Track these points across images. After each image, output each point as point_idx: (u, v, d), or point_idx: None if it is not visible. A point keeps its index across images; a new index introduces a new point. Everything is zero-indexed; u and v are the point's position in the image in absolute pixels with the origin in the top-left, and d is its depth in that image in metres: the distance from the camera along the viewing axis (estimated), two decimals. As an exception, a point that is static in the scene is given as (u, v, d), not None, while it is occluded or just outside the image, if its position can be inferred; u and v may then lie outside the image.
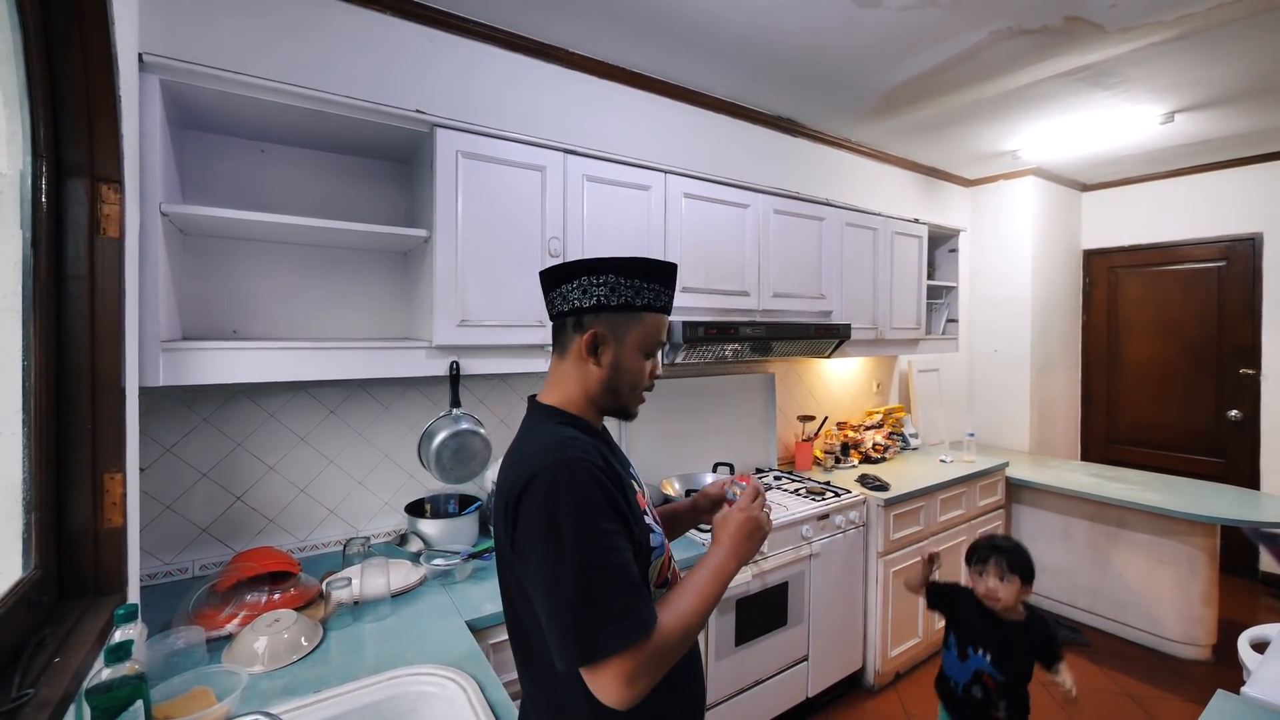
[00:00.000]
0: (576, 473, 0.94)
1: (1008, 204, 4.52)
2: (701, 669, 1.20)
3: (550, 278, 1.11)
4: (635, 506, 1.05)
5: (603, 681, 0.87)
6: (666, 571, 1.10)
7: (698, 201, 2.48)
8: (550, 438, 1.01)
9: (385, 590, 1.61)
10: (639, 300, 1.08)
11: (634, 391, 1.12)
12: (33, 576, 0.98)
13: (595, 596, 0.88)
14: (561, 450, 0.96)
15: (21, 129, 0.99)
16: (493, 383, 2.40)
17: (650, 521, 1.10)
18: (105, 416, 1.11)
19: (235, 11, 1.86)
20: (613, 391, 1.10)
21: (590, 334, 1.06)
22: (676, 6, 2.21)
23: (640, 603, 0.90)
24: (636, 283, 1.07)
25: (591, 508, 0.92)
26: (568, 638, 0.87)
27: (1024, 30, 2.39)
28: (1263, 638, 2.28)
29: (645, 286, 1.08)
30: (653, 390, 1.15)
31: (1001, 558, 1.90)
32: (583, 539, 0.89)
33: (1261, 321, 4.12)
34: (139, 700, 0.89)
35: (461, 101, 2.29)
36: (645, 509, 1.10)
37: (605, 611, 0.87)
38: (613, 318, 1.07)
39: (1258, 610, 3.80)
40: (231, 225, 1.70)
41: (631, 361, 1.10)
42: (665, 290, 1.11)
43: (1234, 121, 3.45)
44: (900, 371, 4.28)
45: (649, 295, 1.09)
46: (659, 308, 1.11)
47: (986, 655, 1.88)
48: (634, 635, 0.87)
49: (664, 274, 1.11)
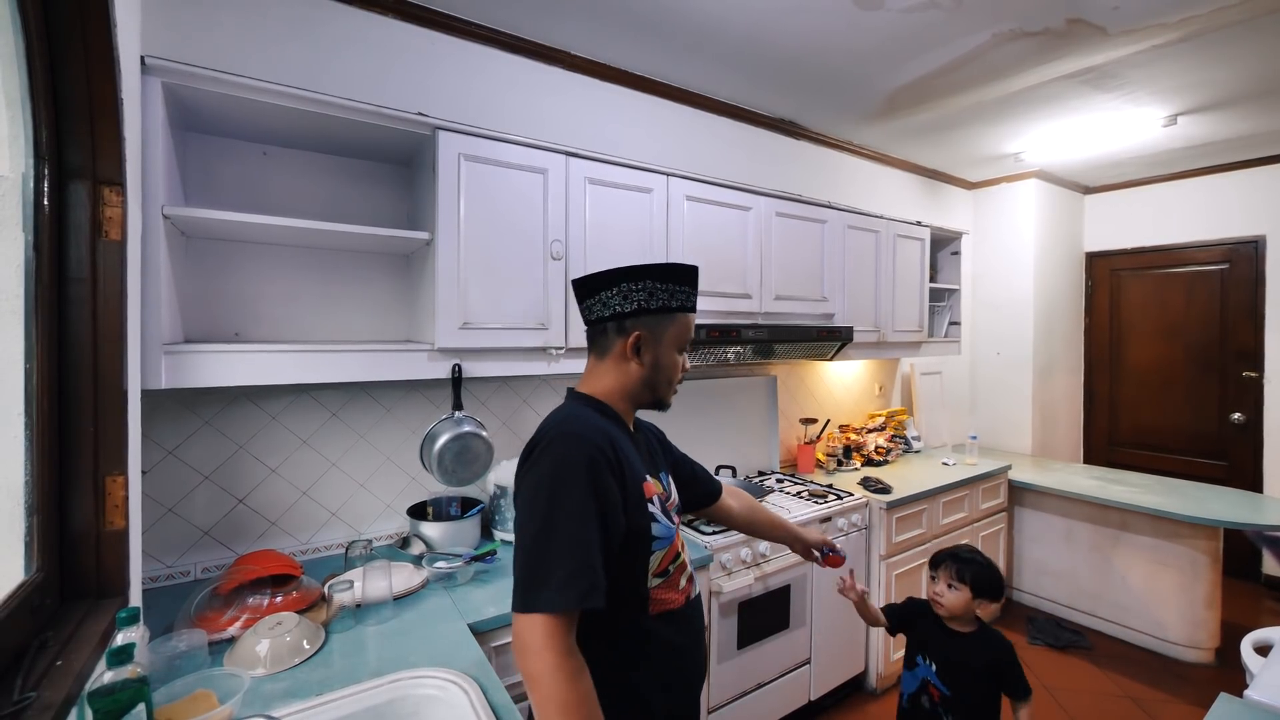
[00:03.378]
0: (570, 445, 1.05)
1: (1010, 206, 4.51)
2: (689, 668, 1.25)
3: (587, 285, 1.22)
4: (635, 493, 1.13)
5: (524, 633, 0.97)
6: (669, 563, 1.19)
7: (700, 204, 2.47)
8: (565, 413, 1.16)
9: (387, 593, 1.61)
10: (674, 302, 1.20)
11: (670, 385, 1.25)
12: (35, 579, 0.97)
13: (544, 558, 0.99)
14: (568, 424, 1.10)
15: (23, 131, 0.98)
16: (495, 385, 2.40)
17: (656, 512, 1.17)
18: (107, 419, 1.11)
19: (237, 14, 1.87)
20: (651, 386, 1.23)
21: (635, 336, 1.19)
22: (678, 9, 2.21)
23: (581, 579, 0.97)
24: (670, 286, 1.20)
25: (571, 479, 1.02)
26: (516, 586, 1.01)
27: (1026, 32, 2.39)
28: (1265, 641, 2.27)
29: (678, 289, 1.21)
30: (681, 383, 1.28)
31: (954, 564, 1.87)
32: (552, 504, 1.01)
33: (1264, 324, 4.12)
34: (141, 703, 0.89)
35: (463, 104, 2.29)
36: (653, 499, 1.17)
37: (547, 575, 0.97)
38: (652, 320, 1.20)
39: (1260, 613, 3.79)
40: (233, 228, 1.70)
41: (669, 358, 1.23)
42: (693, 291, 1.25)
43: (1237, 124, 3.45)
44: (902, 374, 4.28)
45: (681, 297, 1.22)
46: (690, 307, 1.24)
47: (932, 665, 1.86)
48: (560, 604, 0.96)
49: (690, 277, 1.24)
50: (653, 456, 1.33)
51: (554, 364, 2.11)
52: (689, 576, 1.27)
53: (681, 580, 1.23)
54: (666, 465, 1.41)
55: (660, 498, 1.22)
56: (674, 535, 1.21)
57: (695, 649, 1.25)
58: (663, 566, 1.17)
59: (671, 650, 1.18)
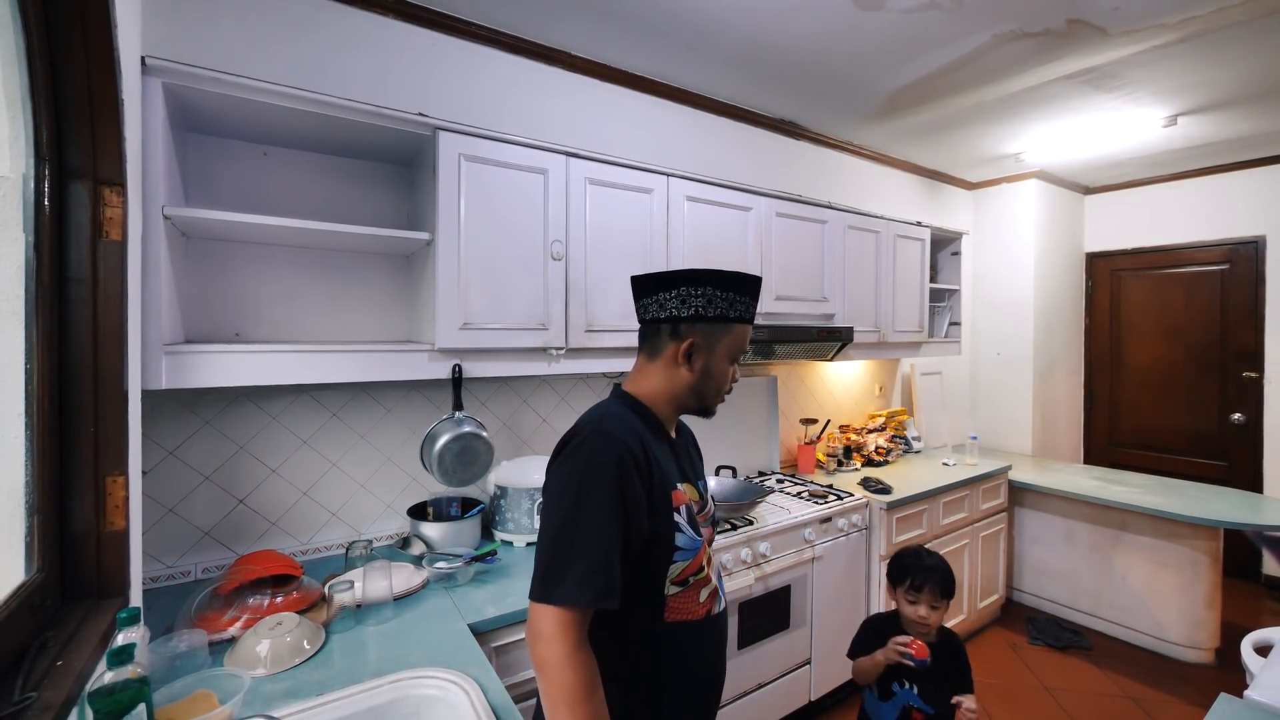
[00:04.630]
0: (602, 444, 1.05)
1: (1010, 207, 4.51)
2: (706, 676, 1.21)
3: (647, 284, 1.21)
4: (662, 500, 1.11)
5: (538, 621, 0.99)
6: (690, 574, 1.14)
7: (700, 204, 2.47)
8: (604, 410, 1.14)
9: (388, 593, 1.61)
10: (732, 312, 1.17)
11: (719, 394, 1.22)
12: (35, 580, 0.98)
13: (566, 552, 1.00)
14: (604, 422, 1.09)
15: (24, 132, 0.99)
16: (495, 386, 2.40)
17: (682, 522, 1.13)
18: (107, 419, 1.11)
19: (238, 15, 1.87)
20: (699, 393, 1.20)
21: (689, 342, 1.16)
22: (679, 10, 2.21)
23: (598, 578, 0.98)
24: (730, 295, 1.17)
25: (599, 477, 1.02)
26: (535, 574, 1.02)
27: (1026, 33, 2.39)
28: (1266, 641, 2.27)
29: (738, 299, 1.18)
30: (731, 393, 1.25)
31: (935, 584, 1.81)
32: (579, 500, 1.02)
33: (1264, 324, 4.12)
34: (141, 704, 0.89)
35: (464, 104, 2.29)
36: (680, 508, 1.14)
37: (567, 569, 0.99)
38: (708, 328, 1.17)
39: (1261, 613, 3.79)
40: (234, 228, 1.70)
41: (720, 367, 1.20)
42: (752, 303, 1.21)
43: (1237, 125, 3.45)
44: (903, 374, 4.28)
45: (740, 307, 1.18)
46: (748, 318, 1.21)
47: (914, 688, 1.79)
48: (576, 600, 0.97)
49: (752, 288, 1.21)
50: (692, 463, 1.30)
51: (554, 364, 2.11)
52: (712, 592, 1.21)
53: (702, 594, 1.18)
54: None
55: (691, 506, 1.18)
56: (699, 548, 1.16)
57: (711, 663, 1.21)
58: (682, 577, 1.14)
59: (683, 659, 1.15)
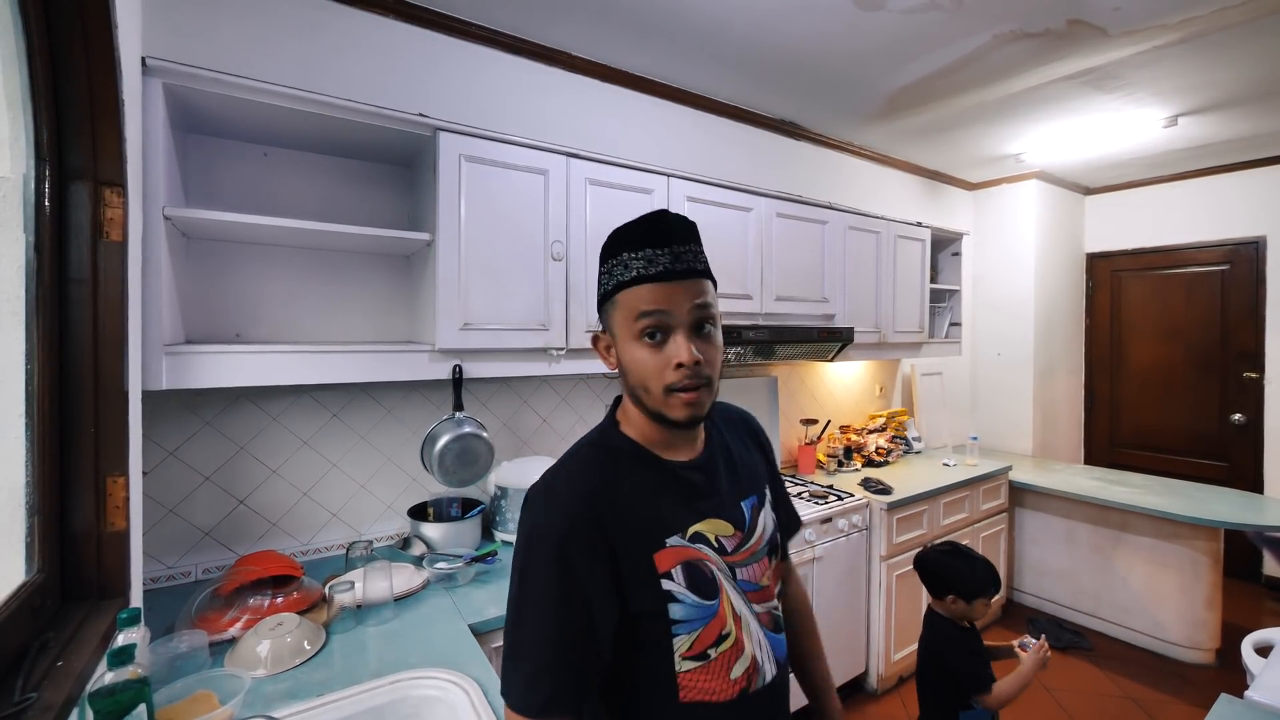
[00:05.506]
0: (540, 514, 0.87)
1: (1011, 207, 4.51)
2: None
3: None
4: (635, 570, 0.86)
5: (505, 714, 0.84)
6: (708, 646, 0.88)
7: (700, 205, 2.47)
8: (567, 454, 0.95)
9: (388, 594, 1.61)
10: (610, 282, 0.89)
11: (649, 391, 0.87)
12: (35, 580, 0.98)
13: (515, 645, 0.84)
14: (553, 477, 0.91)
15: (25, 132, 0.99)
16: (495, 386, 2.40)
17: (676, 588, 0.87)
18: (108, 420, 1.11)
19: (238, 15, 1.87)
20: (635, 396, 0.91)
21: (601, 336, 0.95)
22: (679, 10, 2.21)
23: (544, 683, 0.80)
24: (609, 262, 0.90)
25: (537, 559, 0.83)
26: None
27: (1027, 33, 2.38)
28: (1266, 641, 2.27)
29: (615, 262, 0.89)
30: (695, 382, 0.85)
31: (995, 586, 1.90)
32: (521, 587, 0.84)
33: (1265, 325, 4.12)
34: (142, 704, 0.89)
35: (464, 105, 2.29)
36: (675, 570, 0.87)
37: (515, 665, 0.83)
38: (605, 311, 0.92)
39: (1261, 614, 3.79)
40: (234, 229, 1.70)
41: (629, 354, 0.88)
42: (636, 254, 0.87)
43: (1237, 125, 3.45)
44: (903, 375, 4.28)
45: (619, 271, 0.88)
46: (629, 280, 0.87)
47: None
48: (520, 707, 0.81)
49: (636, 234, 0.89)
50: (728, 482, 0.98)
51: (554, 365, 2.11)
52: (751, 665, 0.91)
53: (735, 669, 0.90)
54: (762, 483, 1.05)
55: (698, 562, 0.89)
56: (714, 612, 0.89)
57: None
58: (697, 650, 0.87)
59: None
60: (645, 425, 0.94)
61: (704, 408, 0.88)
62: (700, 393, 0.86)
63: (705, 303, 0.87)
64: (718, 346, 0.90)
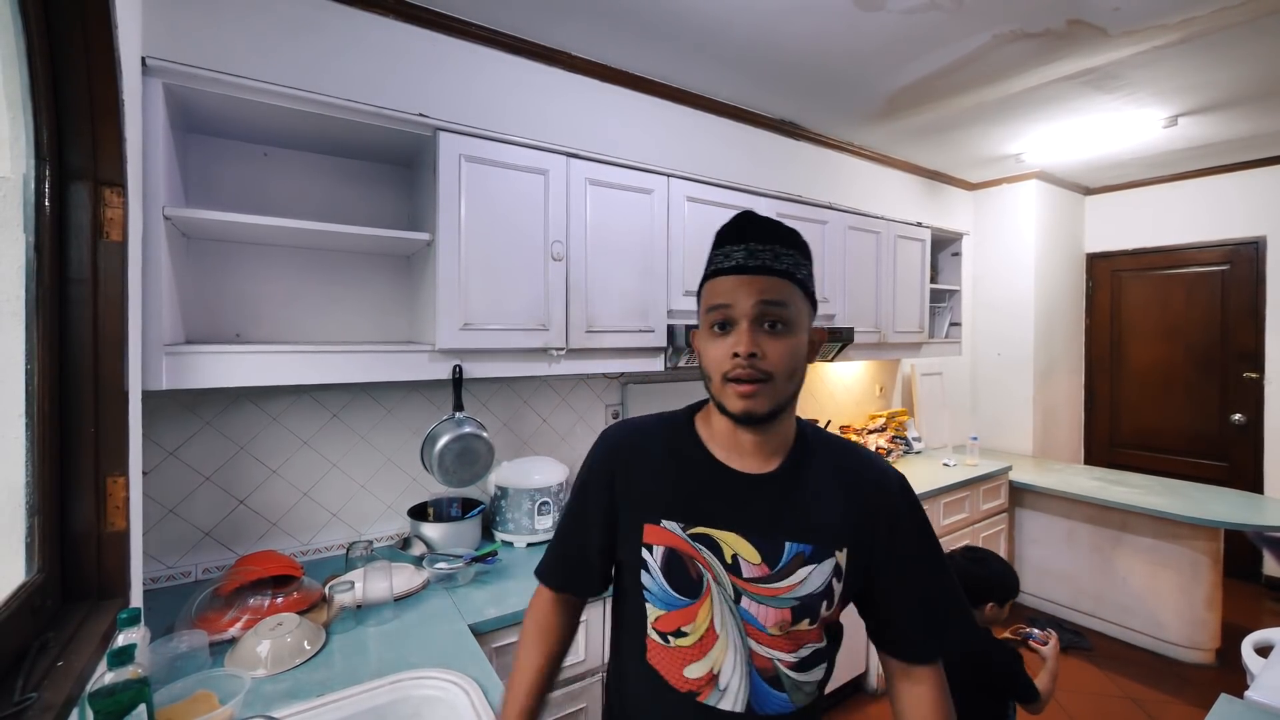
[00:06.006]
0: (599, 440, 1.05)
1: (1011, 207, 4.51)
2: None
3: None
4: (629, 522, 0.95)
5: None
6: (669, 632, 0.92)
7: (700, 205, 2.47)
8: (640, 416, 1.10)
9: (388, 594, 1.61)
10: (705, 274, 0.94)
11: (712, 380, 0.90)
12: (36, 580, 0.98)
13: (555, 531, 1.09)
14: (610, 428, 1.07)
15: (25, 132, 0.99)
16: (495, 386, 2.40)
17: (651, 562, 0.92)
18: (108, 420, 1.11)
19: (238, 15, 1.87)
20: (707, 388, 0.93)
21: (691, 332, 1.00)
22: (679, 10, 2.21)
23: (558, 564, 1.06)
24: (711, 254, 0.94)
25: (581, 472, 1.05)
26: None
27: (1027, 34, 2.38)
28: (1266, 641, 2.27)
29: (715, 254, 0.93)
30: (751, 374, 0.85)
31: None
32: (571, 488, 1.07)
33: (1265, 325, 4.12)
34: (142, 704, 0.89)
35: (464, 105, 2.29)
36: (656, 548, 0.92)
37: (549, 548, 1.09)
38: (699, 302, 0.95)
39: (1261, 614, 3.79)
40: (234, 229, 1.70)
41: (701, 343, 0.93)
42: (719, 250, 0.92)
43: (1237, 125, 3.45)
44: (903, 375, 4.28)
45: (714, 264, 0.92)
46: (708, 274, 0.92)
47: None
48: (541, 574, 1.08)
49: (723, 232, 0.94)
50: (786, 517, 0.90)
51: (555, 365, 2.11)
52: (708, 677, 0.91)
53: (691, 669, 0.91)
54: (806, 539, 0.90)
55: (685, 555, 0.91)
56: (682, 607, 0.91)
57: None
58: (665, 629, 0.92)
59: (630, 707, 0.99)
60: (719, 420, 0.96)
61: (762, 405, 0.86)
62: (758, 387, 0.85)
63: (775, 300, 0.86)
64: (791, 348, 0.87)
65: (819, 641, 0.93)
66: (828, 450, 0.97)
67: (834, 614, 0.93)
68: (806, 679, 0.93)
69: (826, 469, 0.94)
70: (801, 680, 0.92)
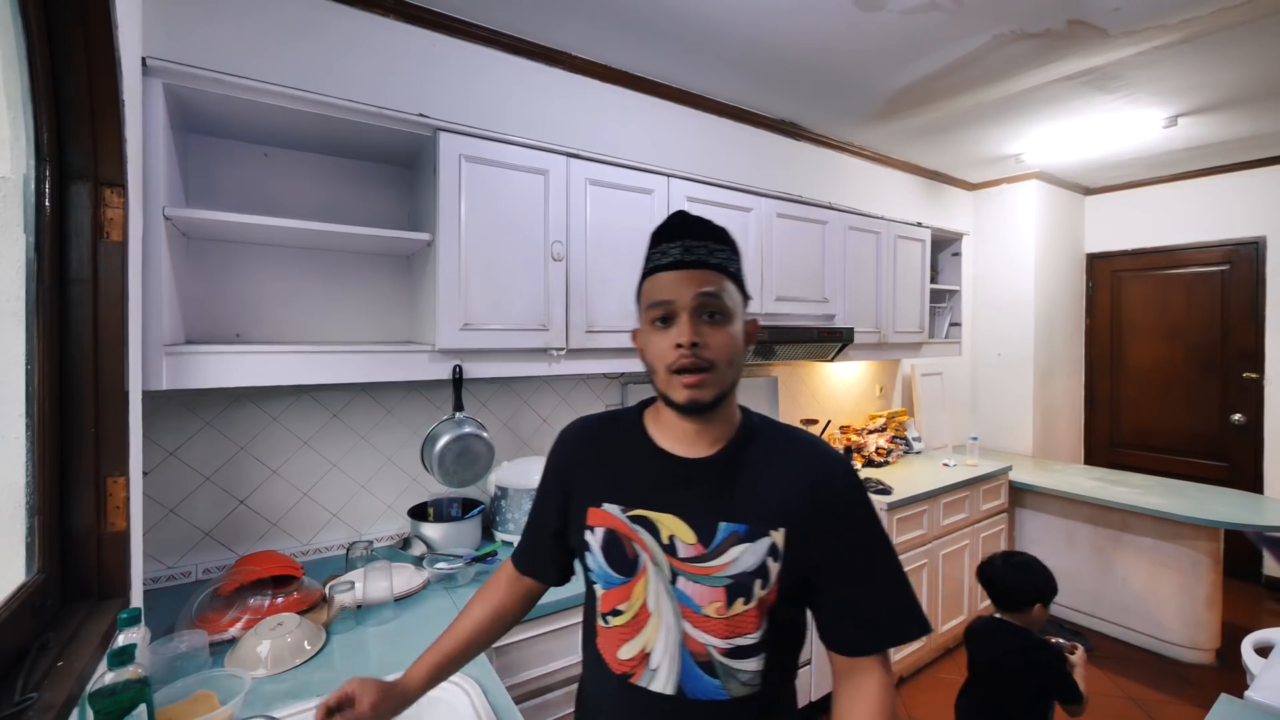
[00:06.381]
0: (553, 443, 1.11)
1: (1011, 208, 4.51)
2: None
3: None
4: (577, 508, 1.01)
5: None
6: (607, 611, 0.97)
7: (700, 205, 2.47)
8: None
9: (388, 594, 1.61)
10: (644, 272, 0.97)
11: (657, 374, 0.93)
12: (36, 580, 0.98)
13: None
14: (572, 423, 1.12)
15: (25, 133, 0.99)
16: (495, 386, 2.40)
17: (593, 543, 0.97)
18: (108, 420, 1.11)
19: (239, 15, 1.87)
20: (652, 383, 0.96)
21: (633, 332, 1.02)
22: (679, 11, 2.21)
23: (525, 549, 1.13)
24: (648, 252, 0.97)
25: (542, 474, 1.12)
26: None
27: (1027, 34, 2.38)
28: (1266, 641, 2.27)
29: (652, 252, 0.96)
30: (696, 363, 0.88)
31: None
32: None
33: (1265, 325, 4.12)
34: (142, 704, 0.89)
35: (464, 105, 2.29)
36: (598, 529, 0.97)
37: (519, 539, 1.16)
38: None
39: (1261, 614, 3.79)
40: (235, 229, 1.70)
41: (644, 340, 0.96)
42: (655, 249, 0.96)
43: (1238, 125, 3.45)
44: (903, 375, 4.28)
45: (652, 261, 0.96)
46: (646, 272, 0.96)
47: None
48: (513, 559, 1.15)
49: (658, 232, 0.97)
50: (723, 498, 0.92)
51: (555, 365, 2.11)
52: (640, 657, 0.93)
53: (624, 650, 0.95)
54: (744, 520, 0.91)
55: (624, 536, 0.95)
56: (618, 585, 0.95)
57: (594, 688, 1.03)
58: (608, 608, 0.97)
59: (596, 700, 1.03)
60: (666, 413, 0.98)
61: (707, 393, 0.89)
62: (703, 376, 0.88)
63: (712, 291, 0.90)
64: (731, 337, 0.91)
65: (756, 630, 0.90)
66: (772, 436, 0.99)
67: (771, 595, 0.90)
68: (742, 667, 0.91)
69: (768, 453, 0.96)
70: (736, 668, 0.91)
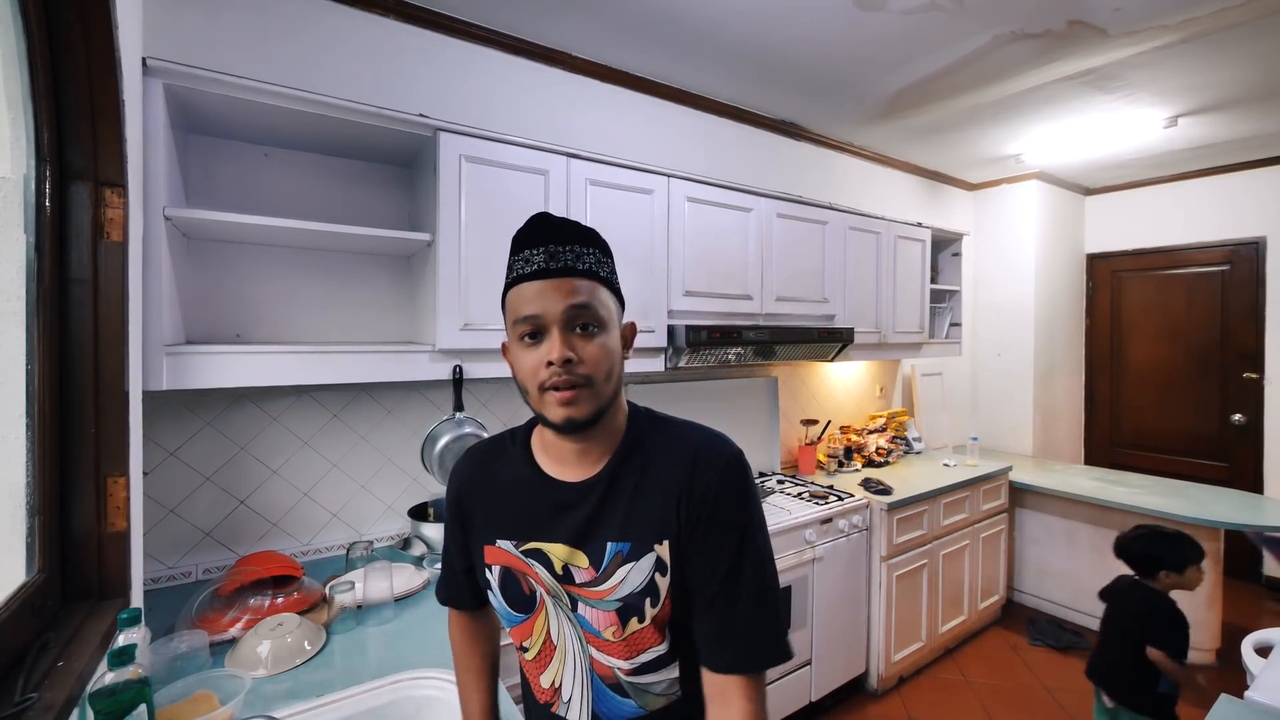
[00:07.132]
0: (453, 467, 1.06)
1: (1011, 208, 4.51)
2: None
3: None
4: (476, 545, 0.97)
5: None
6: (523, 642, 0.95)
7: (701, 205, 2.47)
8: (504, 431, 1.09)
9: (388, 594, 1.61)
10: (507, 282, 0.88)
11: (529, 393, 0.87)
12: (36, 580, 0.98)
13: None
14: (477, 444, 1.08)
15: (25, 133, 0.99)
16: (495, 386, 2.40)
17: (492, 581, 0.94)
18: (109, 420, 1.11)
19: (239, 16, 1.87)
20: (527, 402, 0.89)
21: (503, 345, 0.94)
22: (679, 11, 2.21)
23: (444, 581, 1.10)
24: (510, 260, 0.88)
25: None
26: None
27: (1027, 34, 2.38)
28: (1266, 642, 2.28)
29: (514, 260, 0.87)
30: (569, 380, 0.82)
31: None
32: None
33: (1265, 325, 4.12)
34: (142, 704, 0.89)
35: (464, 105, 2.29)
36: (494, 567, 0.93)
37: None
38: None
39: (1261, 614, 3.79)
40: (235, 229, 1.70)
41: (513, 356, 0.89)
42: (517, 256, 0.86)
43: (1237, 126, 3.45)
44: (903, 375, 4.28)
45: (515, 270, 0.86)
46: (509, 283, 0.87)
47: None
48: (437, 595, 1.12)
49: (518, 237, 0.87)
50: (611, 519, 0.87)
51: (555, 365, 2.11)
52: (555, 688, 0.94)
53: (543, 678, 0.95)
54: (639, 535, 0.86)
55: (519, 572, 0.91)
56: (519, 623, 0.93)
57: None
58: (518, 642, 0.96)
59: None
60: (546, 432, 0.93)
61: (583, 410, 0.83)
62: (578, 392, 0.82)
63: (583, 302, 0.82)
64: (606, 349, 0.84)
65: (659, 645, 0.86)
66: (658, 439, 0.91)
67: (665, 611, 0.85)
68: (652, 681, 0.89)
69: (651, 462, 0.89)
70: (645, 684, 0.89)
